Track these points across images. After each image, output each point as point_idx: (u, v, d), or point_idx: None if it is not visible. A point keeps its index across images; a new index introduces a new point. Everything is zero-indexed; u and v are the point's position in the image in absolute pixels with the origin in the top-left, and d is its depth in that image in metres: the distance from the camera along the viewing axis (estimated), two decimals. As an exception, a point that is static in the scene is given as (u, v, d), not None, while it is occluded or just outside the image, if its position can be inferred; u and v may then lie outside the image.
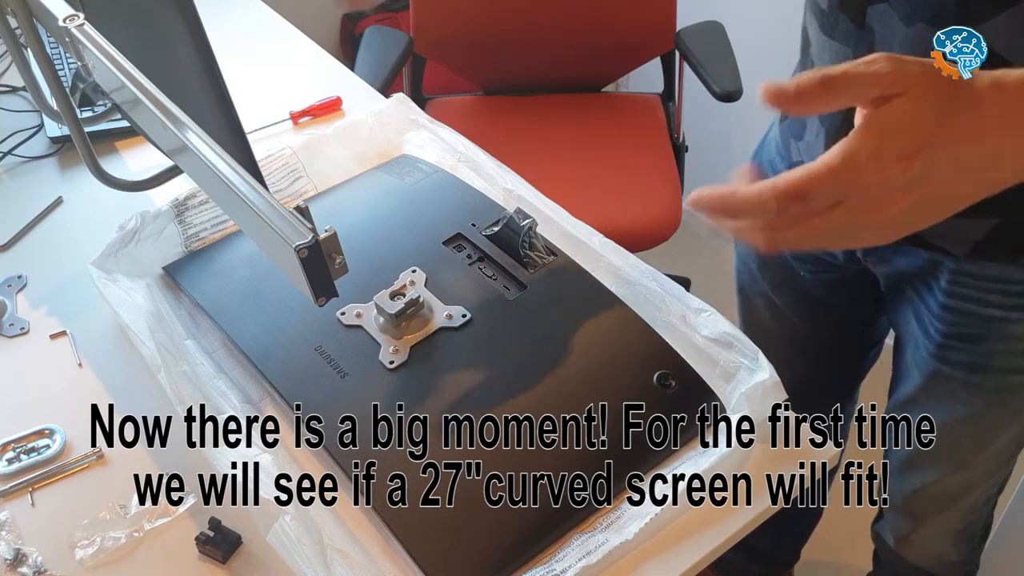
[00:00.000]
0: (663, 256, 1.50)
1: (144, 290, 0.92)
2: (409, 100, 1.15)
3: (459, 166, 1.06)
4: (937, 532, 1.14)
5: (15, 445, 0.84)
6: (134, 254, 0.95)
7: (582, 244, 0.94)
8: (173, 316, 0.91)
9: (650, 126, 1.81)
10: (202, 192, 1.00)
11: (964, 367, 0.90)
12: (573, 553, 0.71)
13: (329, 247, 0.64)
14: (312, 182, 1.07)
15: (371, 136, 1.12)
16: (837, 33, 0.80)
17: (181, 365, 0.84)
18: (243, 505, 0.73)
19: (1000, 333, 0.87)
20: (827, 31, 0.81)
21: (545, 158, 1.69)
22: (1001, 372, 0.89)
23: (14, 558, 0.75)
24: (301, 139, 1.09)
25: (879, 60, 0.48)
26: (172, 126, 0.71)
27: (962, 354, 0.89)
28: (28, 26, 0.88)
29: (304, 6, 1.57)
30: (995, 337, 0.87)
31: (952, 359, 0.90)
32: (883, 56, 0.48)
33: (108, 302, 0.89)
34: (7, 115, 1.24)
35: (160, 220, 0.98)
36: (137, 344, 0.84)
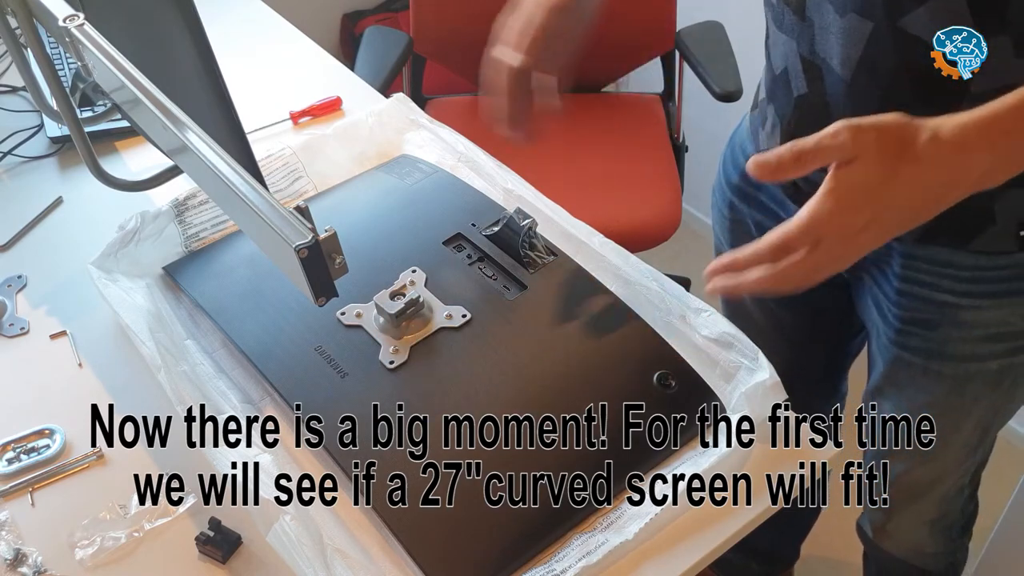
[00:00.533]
0: (663, 256, 1.50)
1: (144, 290, 0.92)
2: (409, 100, 1.15)
3: (459, 166, 1.06)
4: (911, 523, 1.15)
5: (15, 445, 0.84)
6: (134, 254, 0.96)
7: (582, 244, 0.94)
8: (173, 316, 0.91)
9: (650, 126, 1.81)
10: (202, 192, 1.00)
11: (922, 353, 0.91)
12: (573, 553, 0.71)
13: (329, 247, 0.64)
14: (312, 182, 1.07)
15: (371, 136, 1.12)
16: (784, 25, 0.83)
17: (181, 365, 0.84)
18: (243, 505, 0.73)
19: (952, 319, 0.88)
20: (777, 23, 0.85)
21: (545, 158, 1.69)
22: (957, 359, 0.91)
23: (14, 558, 0.75)
24: (301, 139, 1.09)
25: (840, 132, 0.60)
26: (172, 126, 0.71)
27: (919, 340, 0.90)
28: (28, 26, 0.88)
29: (304, 6, 1.57)
30: (948, 323, 0.88)
31: (911, 345, 0.91)
32: (843, 127, 0.60)
33: (108, 302, 0.89)
34: (7, 115, 1.24)
35: (160, 220, 0.98)
36: (137, 344, 0.84)
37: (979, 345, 0.89)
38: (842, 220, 0.61)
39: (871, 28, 0.74)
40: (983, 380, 0.92)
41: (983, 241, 0.82)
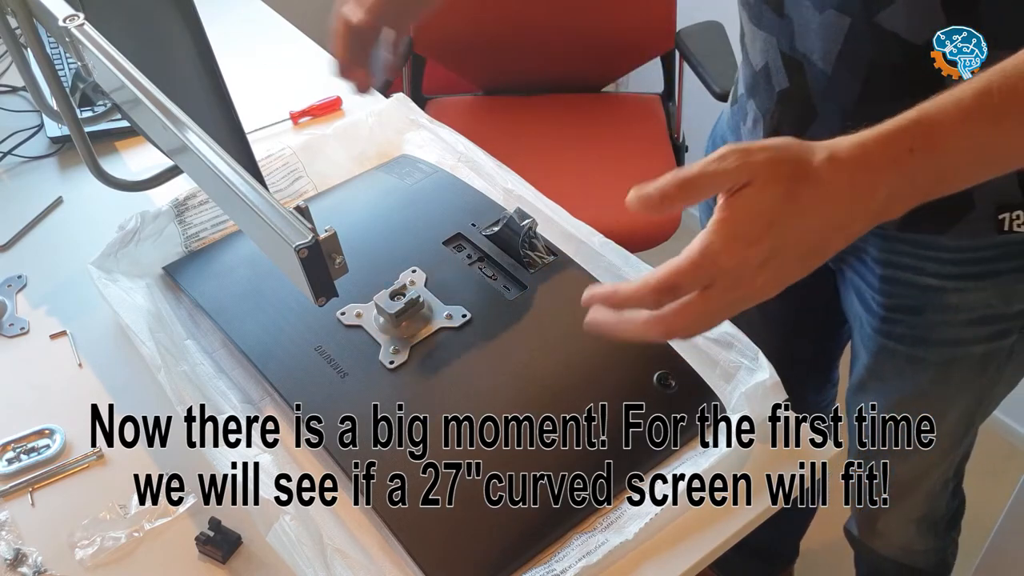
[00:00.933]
0: (663, 256, 1.49)
1: (144, 290, 0.92)
2: (409, 100, 1.15)
3: (459, 166, 1.06)
4: (899, 521, 1.15)
5: (15, 445, 0.84)
6: (134, 254, 0.95)
7: (582, 244, 0.94)
8: (173, 316, 0.91)
9: (650, 126, 1.81)
10: (202, 192, 1.00)
11: (907, 340, 0.91)
12: (573, 553, 0.71)
13: (329, 247, 0.64)
14: (312, 182, 1.07)
15: (371, 136, 1.12)
16: (763, 23, 0.84)
17: (181, 365, 0.84)
18: (243, 505, 0.73)
19: (938, 303, 0.88)
20: (755, 21, 0.85)
21: (545, 158, 1.69)
22: (942, 344, 0.90)
23: (14, 558, 0.75)
24: (301, 139, 1.09)
25: (728, 156, 0.54)
26: (172, 126, 0.71)
27: (904, 327, 0.90)
28: (28, 26, 0.88)
29: (304, 6, 1.57)
30: (933, 308, 0.88)
31: (895, 333, 0.91)
32: (731, 151, 0.54)
33: (108, 302, 0.89)
34: (7, 115, 1.24)
35: (160, 220, 0.97)
36: (137, 344, 0.84)
37: (964, 329, 0.89)
38: (737, 254, 0.54)
39: (849, 23, 0.75)
40: (968, 366, 0.92)
41: (963, 226, 0.82)
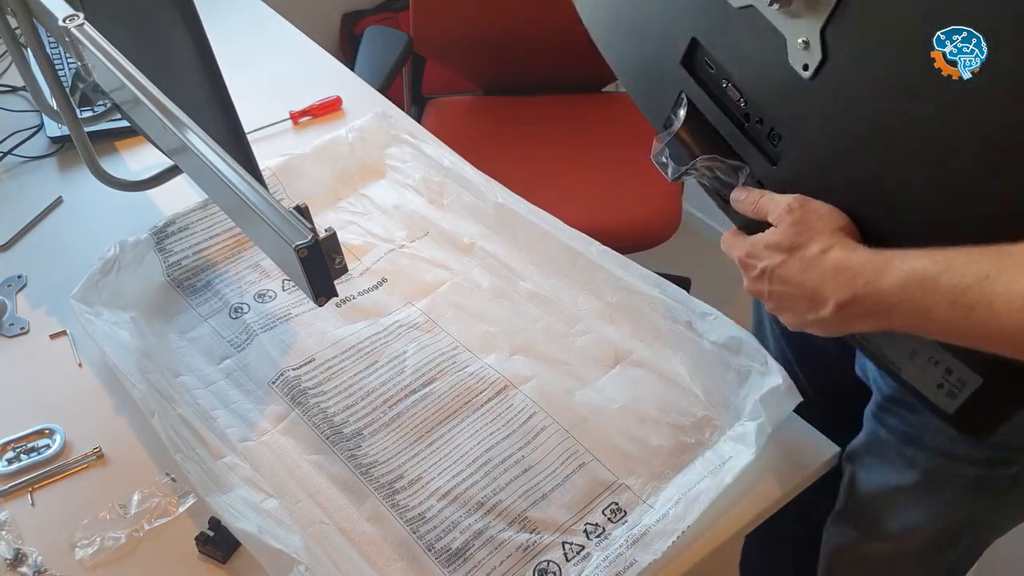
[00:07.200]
0: (663, 256, 1.49)
1: (130, 324, 0.91)
2: (390, 114, 1.13)
3: (446, 182, 1.05)
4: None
5: (15, 445, 0.84)
6: (115, 284, 0.94)
7: (579, 255, 0.93)
8: (164, 351, 0.89)
9: (650, 126, 1.81)
10: (181, 219, 0.98)
11: (899, 435, 0.83)
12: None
13: (329, 247, 0.64)
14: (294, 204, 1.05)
15: (352, 153, 1.10)
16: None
17: (176, 408, 0.82)
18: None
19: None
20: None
21: (545, 158, 1.69)
22: (933, 452, 0.81)
23: (14, 558, 0.75)
24: (277, 161, 1.06)
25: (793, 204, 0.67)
26: (172, 126, 0.71)
27: (898, 421, 0.83)
28: (28, 26, 0.88)
29: (304, 6, 1.57)
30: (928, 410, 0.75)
31: (889, 424, 0.84)
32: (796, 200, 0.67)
33: (95, 340, 0.87)
34: (7, 115, 1.24)
35: (140, 248, 0.96)
36: (128, 387, 0.83)
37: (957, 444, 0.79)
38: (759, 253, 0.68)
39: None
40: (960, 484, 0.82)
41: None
